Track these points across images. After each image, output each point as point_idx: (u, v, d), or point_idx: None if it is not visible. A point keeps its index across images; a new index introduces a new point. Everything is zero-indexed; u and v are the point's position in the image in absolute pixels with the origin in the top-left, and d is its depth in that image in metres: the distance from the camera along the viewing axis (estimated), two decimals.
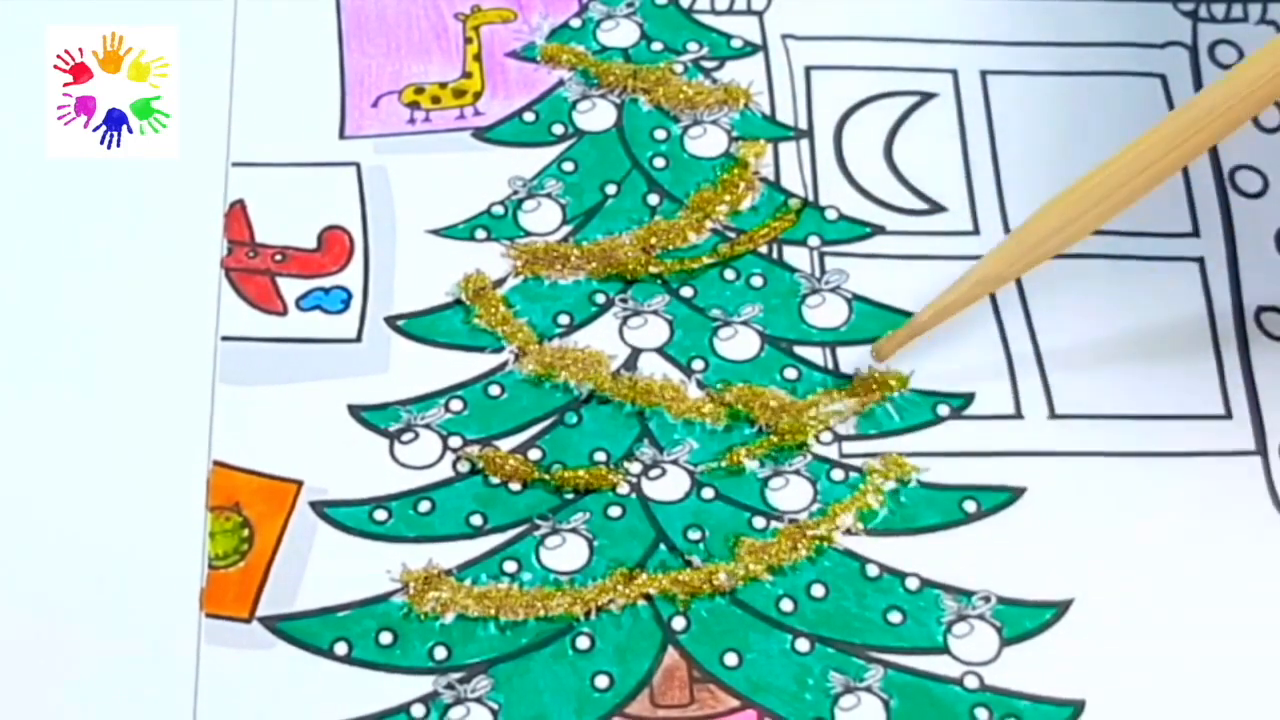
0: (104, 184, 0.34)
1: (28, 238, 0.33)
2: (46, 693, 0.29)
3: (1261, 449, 0.32)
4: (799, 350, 0.33)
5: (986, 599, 0.30)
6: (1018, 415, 0.32)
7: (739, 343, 0.33)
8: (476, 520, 0.31)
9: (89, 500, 0.30)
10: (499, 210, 0.34)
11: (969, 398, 0.32)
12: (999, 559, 0.31)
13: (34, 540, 0.30)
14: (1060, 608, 0.30)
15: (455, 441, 0.32)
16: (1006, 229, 0.34)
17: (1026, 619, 0.30)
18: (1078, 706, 0.29)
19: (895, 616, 0.30)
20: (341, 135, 0.35)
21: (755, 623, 0.30)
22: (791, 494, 0.31)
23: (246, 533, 0.30)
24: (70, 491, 0.31)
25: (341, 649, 0.29)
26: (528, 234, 0.34)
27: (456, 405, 0.32)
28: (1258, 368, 0.33)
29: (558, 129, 0.35)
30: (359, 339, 0.32)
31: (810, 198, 0.34)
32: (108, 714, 0.29)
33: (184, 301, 0.33)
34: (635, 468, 0.31)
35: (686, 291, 0.33)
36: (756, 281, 0.33)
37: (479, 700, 0.29)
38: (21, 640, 0.29)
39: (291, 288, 0.33)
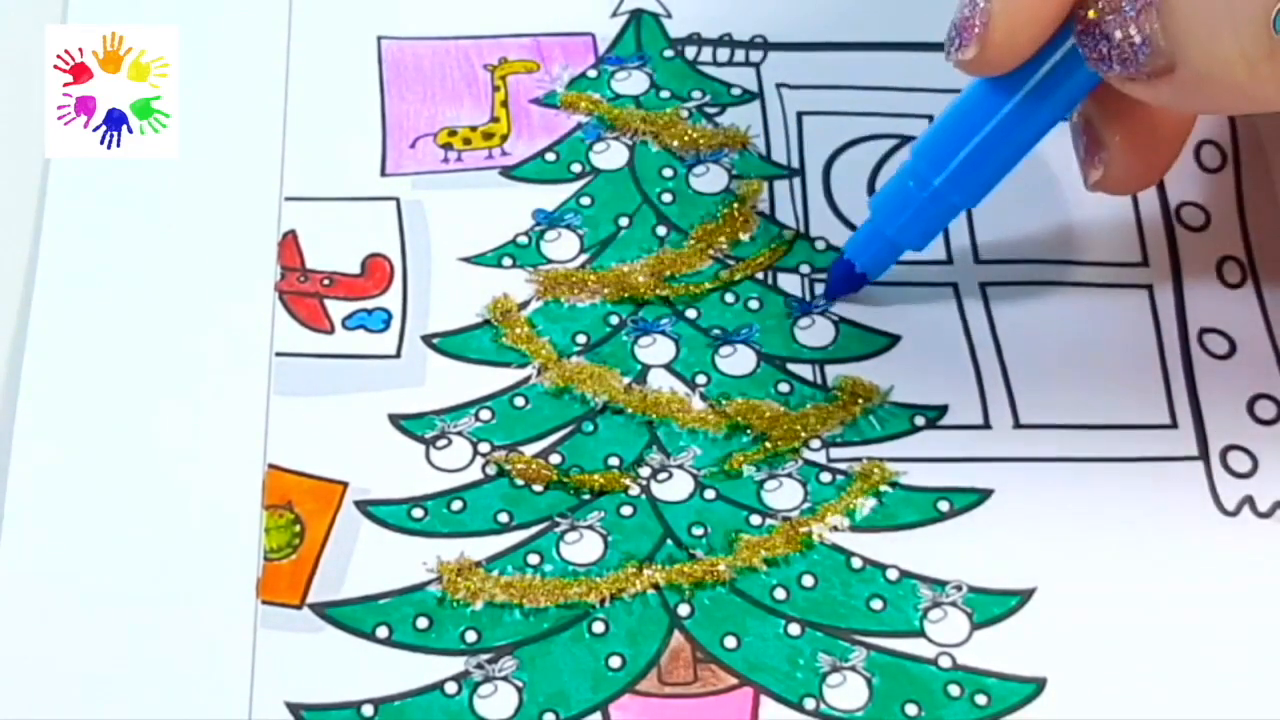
0: (168, 217, 0.34)
1: (103, 267, 0.33)
2: (122, 670, 0.29)
3: (1204, 455, 0.32)
4: (791, 367, 0.33)
5: (958, 588, 0.30)
6: (986, 425, 0.32)
7: (737, 360, 0.33)
8: (503, 518, 0.31)
9: (159, 499, 0.30)
10: (523, 240, 0.34)
11: (942, 409, 0.32)
12: (970, 552, 0.31)
13: (111, 536, 0.30)
14: (1024, 595, 0.30)
15: (484, 448, 0.32)
16: (977, 257, 0.34)
17: (994, 605, 0.30)
18: (1040, 683, 0.29)
19: (877, 604, 0.30)
20: (383, 173, 0.35)
21: (752, 609, 0.30)
22: (784, 495, 0.31)
23: (298, 528, 0.30)
24: (142, 492, 0.30)
25: (383, 632, 0.29)
26: (549, 261, 0.34)
27: (485, 415, 0.32)
28: (1200, 382, 0.33)
29: (576, 167, 0.35)
30: (398, 355, 0.32)
31: (802, 230, 0.34)
32: (175, 689, 0.29)
33: (242, 321, 0.32)
34: (645, 471, 0.31)
35: (691, 313, 0.33)
36: (753, 305, 0.34)
37: (505, 679, 0.29)
38: (101, 624, 0.29)
39: (338, 309, 0.33)
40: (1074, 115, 0.32)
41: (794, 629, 0.30)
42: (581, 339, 0.33)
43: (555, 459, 0.32)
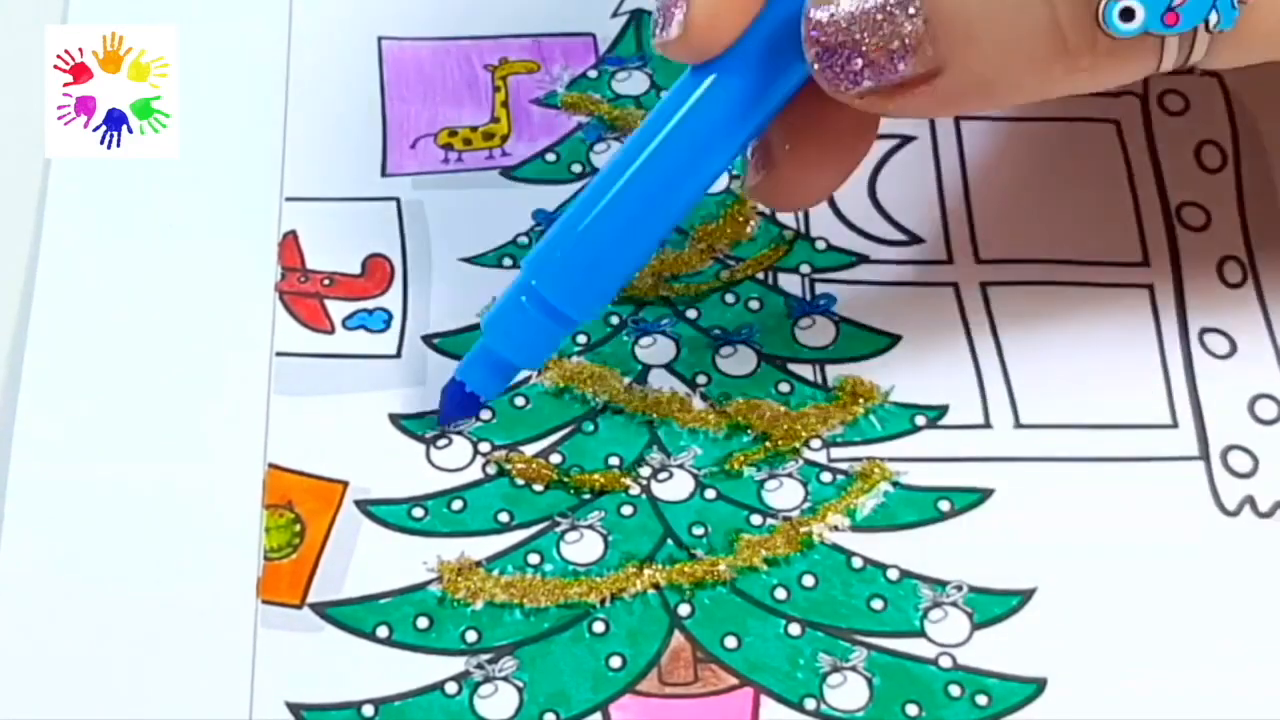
0: (168, 217, 0.34)
1: (103, 267, 0.33)
2: (123, 669, 0.29)
3: (1204, 455, 0.32)
4: (791, 367, 0.33)
5: (959, 588, 0.30)
6: (987, 425, 0.32)
7: (738, 360, 0.33)
8: (504, 517, 0.31)
9: (159, 499, 0.30)
10: (524, 240, 0.34)
11: (943, 409, 0.32)
12: (970, 552, 0.31)
13: (112, 536, 0.30)
14: (1025, 595, 0.30)
15: (485, 447, 0.32)
16: (978, 257, 0.34)
17: (995, 605, 0.30)
18: (1040, 683, 0.29)
19: (877, 604, 0.30)
20: (383, 173, 0.35)
21: (753, 609, 0.30)
22: (785, 495, 0.31)
23: (298, 528, 0.30)
24: (142, 492, 0.30)
25: (383, 632, 0.29)
26: None
27: (486, 415, 0.32)
28: (1200, 382, 0.33)
29: (576, 168, 0.35)
30: (399, 355, 0.32)
31: (802, 230, 0.34)
32: (176, 688, 0.29)
33: (242, 321, 0.32)
34: (645, 471, 0.31)
35: (691, 314, 0.33)
36: (753, 305, 0.34)
37: (506, 679, 0.29)
38: (101, 624, 0.29)
39: (338, 309, 0.33)
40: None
41: (794, 629, 0.30)
42: (581, 339, 0.33)
43: (555, 459, 0.31)
